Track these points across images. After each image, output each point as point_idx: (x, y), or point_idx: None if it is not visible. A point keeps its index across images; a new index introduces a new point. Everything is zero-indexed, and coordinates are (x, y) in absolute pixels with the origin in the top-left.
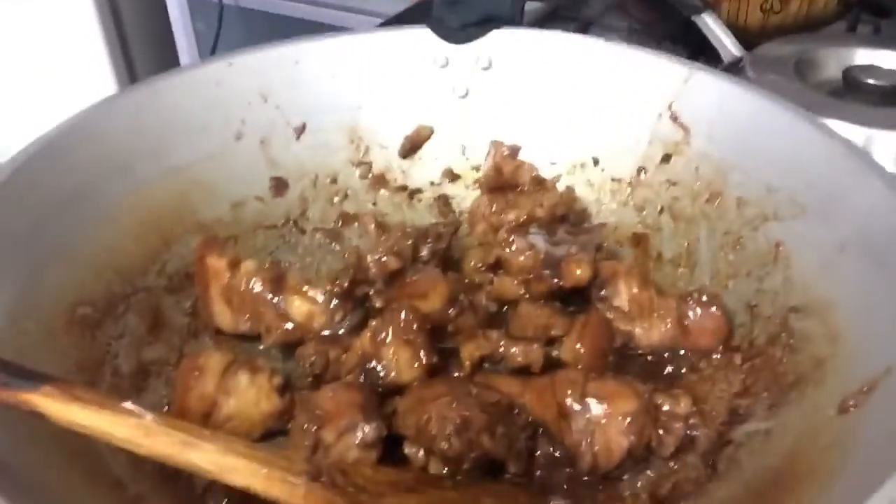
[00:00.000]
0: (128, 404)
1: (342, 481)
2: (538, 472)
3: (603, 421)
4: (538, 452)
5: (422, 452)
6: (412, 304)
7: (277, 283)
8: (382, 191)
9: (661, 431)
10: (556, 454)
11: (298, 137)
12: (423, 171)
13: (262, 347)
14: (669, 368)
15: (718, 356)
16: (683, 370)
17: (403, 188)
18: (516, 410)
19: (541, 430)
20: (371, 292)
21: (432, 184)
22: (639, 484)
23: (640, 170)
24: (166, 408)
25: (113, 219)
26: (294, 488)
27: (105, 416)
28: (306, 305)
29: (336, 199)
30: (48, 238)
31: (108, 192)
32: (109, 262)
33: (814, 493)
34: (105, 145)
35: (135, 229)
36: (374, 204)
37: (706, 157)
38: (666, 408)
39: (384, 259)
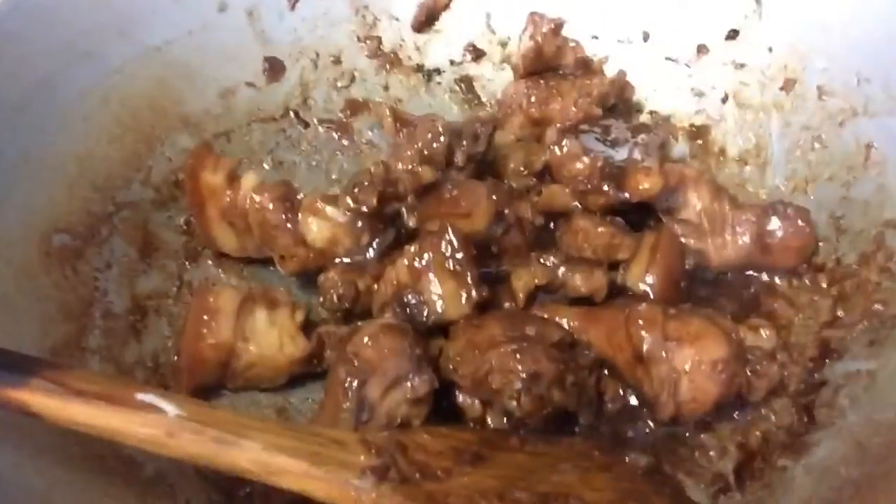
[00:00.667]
0: (144, 395)
1: (407, 467)
2: (609, 423)
3: (688, 368)
4: (607, 397)
5: (478, 402)
6: (454, 224)
7: (289, 201)
8: (395, 72)
9: (750, 375)
10: (629, 399)
11: (293, 7)
12: (441, 48)
13: (273, 270)
14: (745, 291)
15: (801, 277)
16: (762, 292)
17: (419, 68)
18: (579, 348)
19: (606, 371)
20: (402, 209)
21: (452, 63)
22: (727, 433)
23: (700, 48)
24: (175, 357)
25: (82, 116)
26: (360, 494)
27: (116, 413)
28: (327, 227)
29: (341, 83)
30: (2, 152)
31: (72, 85)
32: (83, 174)
33: None
34: (62, 26)
35: (109, 129)
36: (386, 88)
37: (781, 34)
38: (749, 342)
39: (417, 169)
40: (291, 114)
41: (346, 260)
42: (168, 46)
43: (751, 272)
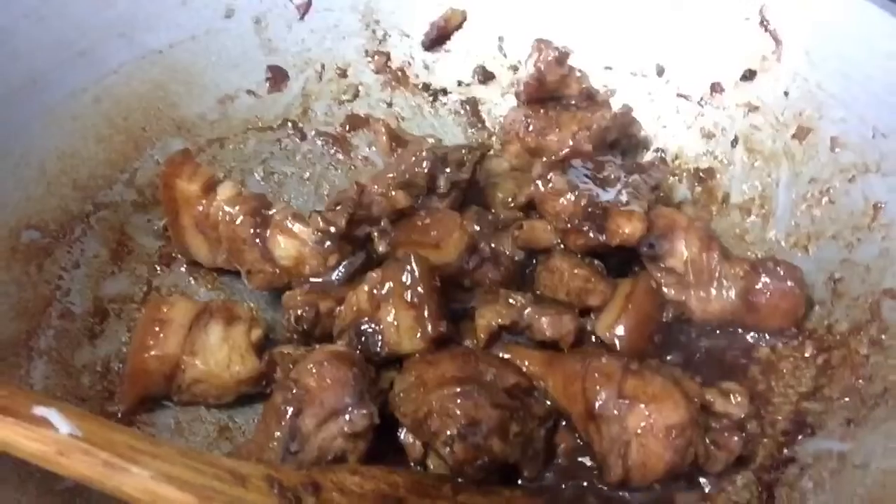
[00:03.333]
0: (40, 409)
1: None
2: (555, 477)
3: (640, 431)
4: (559, 450)
5: (419, 443)
6: (420, 253)
7: (260, 216)
8: (400, 89)
9: (711, 445)
10: (581, 448)
11: (302, 17)
12: (450, 68)
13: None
14: (724, 351)
15: (787, 341)
16: (742, 355)
17: (426, 87)
18: (535, 395)
19: (563, 422)
20: (374, 233)
21: (460, 84)
22: None
23: (714, 86)
24: (120, 364)
25: (71, 115)
26: None
27: (6, 425)
28: (294, 246)
29: (344, 97)
30: None
31: (65, 82)
32: (65, 171)
33: None
34: (61, 23)
35: (98, 129)
36: (390, 105)
37: (799, 79)
38: (717, 408)
39: (392, 193)
40: (289, 124)
41: (314, 280)
42: (169, 50)
43: (735, 330)
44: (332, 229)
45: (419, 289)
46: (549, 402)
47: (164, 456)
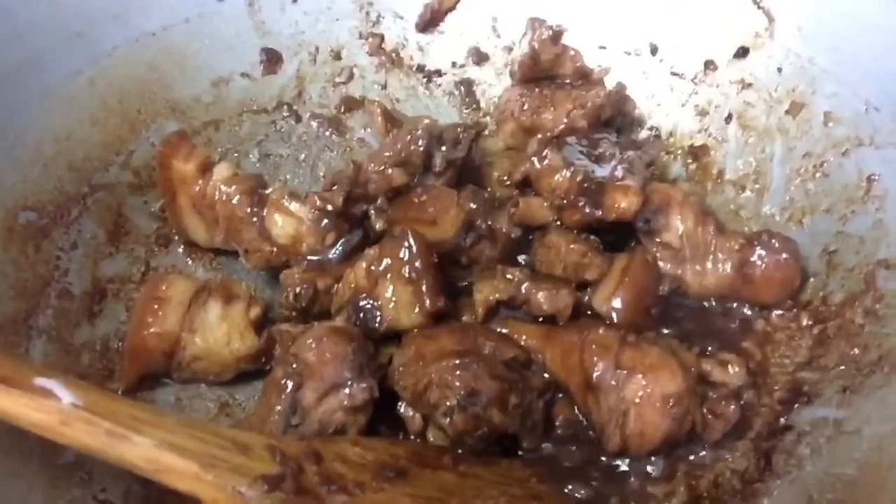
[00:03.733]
0: (43, 380)
1: (313, 478)
2: (554, 448)
3: (638, 400)
4: (557, 422)
5: (419, 416)
6: (417, 230)
7: (257, 195)
8: (395, 71)
9: (707, 414)
10: (580, 421)
11: (295, 0)
12: (444, 49)
13: (242, 263)
14: (721, 323)
15: (783, 313)
16: (739, 327)
17: (420, 69)
18: (534, 368)
19: (561, 394)
20: (371, 211)
21: (454, 65)
22: (677, 474)
23: (707, 64)
24: (120, 343)
25: (66, 97)
26: (246, 502)
27: (9, 395)
28: (291, 224)
29: (339, 80)
30: None
31: (60, 64)
32: (61, 153)
33: None
34: (56, 5)
35: (94, 111)
36: (384, 87)
37: (792, 55)
38: (714, 377)
39: (388, 171)
40: (284, 107)
41: (312, 258)
42: (163, 32)
43: (731, 303)
44: (329, 207)
45: (417, 264)
46: (547, 375)
47: (167, 425)
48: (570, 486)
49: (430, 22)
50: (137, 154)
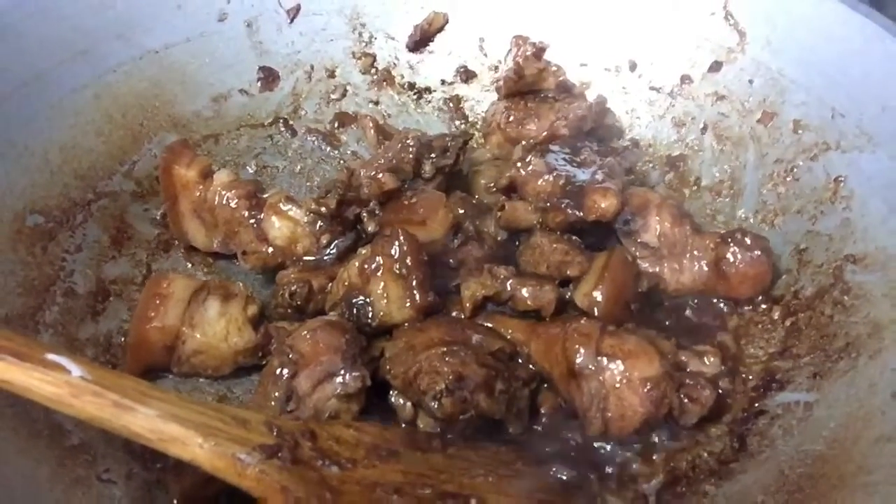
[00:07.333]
0: (53, 355)
1: (308, 449)
2: (540, 431)
3: (618, 385)
4: (542, 409)
5: (409, 404)
6: (408, 230)
7: (255, 199)
8: (386, 88)
9: (684, 398)
10: (563, 408)
11: (291, 21)
12: (434, 68)
13: (239, 267)
14: (698, 319)
15: (756, 307)
16: (714, 322)
17: (411, 86)
18: (519, 359)
19: (546, 385)
20: (363, 214)
21: (444, 83)
22: (654, 456)
23: (683, 78)
24: (122, 339)
25: (72, 111)
26: (244, 468)
27: (24, 369)
28: (287, 226)
29: (333, 97)
30: None
31: (67, 80)
32: (67, 162)
33: (860, 500)
34: (63, 24)
35: (98, 123)
36: (377, 104)
37: (763, 68)
38: (691, 367)
39: (380, 176)
40: (281, 122)
41: (307, 259)
42: (166, 51)
43: (708, 299)
44: (324, 210)
45: (407, 261)
46: (532, 367)
47: (170, 399)
48: (553, 469)
49: (420, 42)
50: (140, 165)
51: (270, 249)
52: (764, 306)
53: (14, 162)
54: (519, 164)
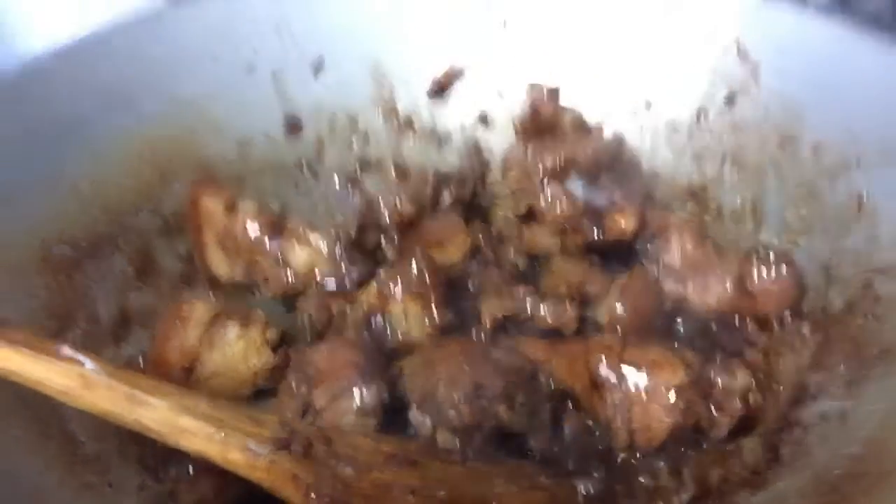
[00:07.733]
0: (65, 349)
1: (322, 451)
2: (565, 448)
3: (643, 395)
4: (566, 426)
5: (428, 420)
6: (426, 252)
7: (277, 227)
8: (408, 135)
9: (713, 410)
10: (589, 425)
11: (316, 72)
12: (453, 114)
13: (262, 296)
14: (725, 337)
15: (784, 324)
16: (742, 340)
17: (431, 132)
18: (541, 378)
19: (570, 401)
20: (383, 242)
21: (463, 128)
22: (685, 469)
23: (699, 113)
24: (142, 362)
25: (106, 151)
26: (255, 458)
27: (38, 361)
28: (307, 253)
29: (356, 143)
30: (28, 165)
31: (103, 125)
32: (97, 195)
33: None
34: (104, 74)
35: (129, 162)
36: (398, 149)
37: (777, 95)
38: (720, 383)
39: (399, 204)
40: (305, 166)
41: (328, 285)
42: (196, 100)
43: (734, 318)
44: (344, 237)
45: (426, 280)
46: (553, 386)
47: (183, 393)
48: (578, 483)
49: (439, 90)
50: (167, 202)
51: (291, 276)
52: (792, 323)
53: (46, 192)
54: (537, 191)
